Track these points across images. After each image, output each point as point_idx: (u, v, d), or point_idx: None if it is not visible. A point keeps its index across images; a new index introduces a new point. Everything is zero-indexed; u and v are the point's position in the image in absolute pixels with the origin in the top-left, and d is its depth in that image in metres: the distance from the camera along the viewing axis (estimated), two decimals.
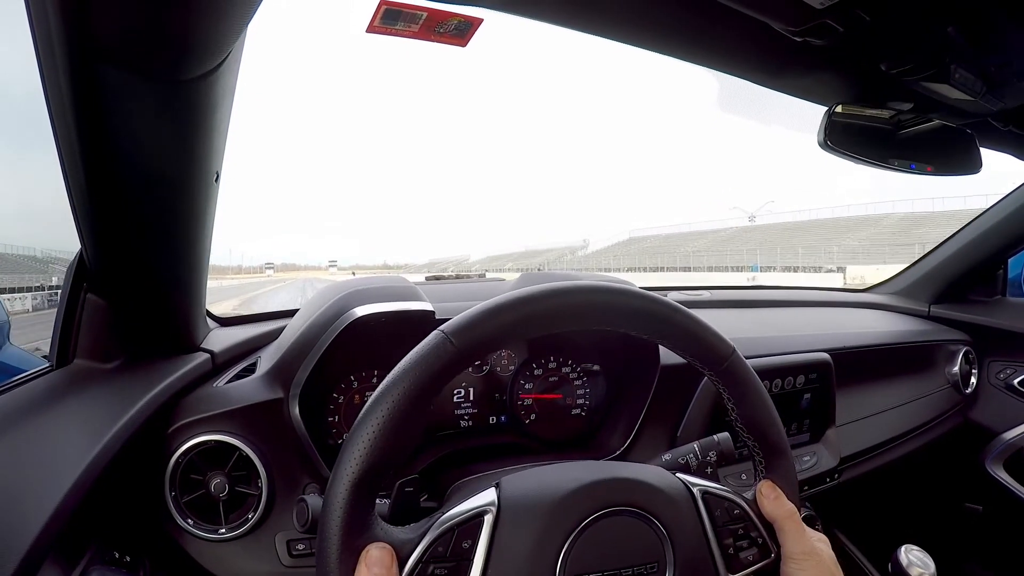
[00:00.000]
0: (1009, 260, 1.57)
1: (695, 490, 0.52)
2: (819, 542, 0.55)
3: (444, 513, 0.45)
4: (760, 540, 0.53)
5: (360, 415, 0.42)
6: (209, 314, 0.93)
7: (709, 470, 0.63)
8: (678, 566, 0.48)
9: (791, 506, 0.54)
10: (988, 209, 1.45)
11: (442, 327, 0.45)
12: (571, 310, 0.48)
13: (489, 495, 0.47)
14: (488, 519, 0.45)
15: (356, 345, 0.77)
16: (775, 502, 0.54)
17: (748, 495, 0.55)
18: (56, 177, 0.55)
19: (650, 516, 0.49)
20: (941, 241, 1.57)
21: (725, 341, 0.53)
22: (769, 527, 0.54)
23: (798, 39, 0.67)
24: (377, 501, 0.44)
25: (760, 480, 0.56)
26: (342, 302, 0.76)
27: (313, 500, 0.57)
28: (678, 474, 0.55)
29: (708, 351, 0.52)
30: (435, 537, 0.43)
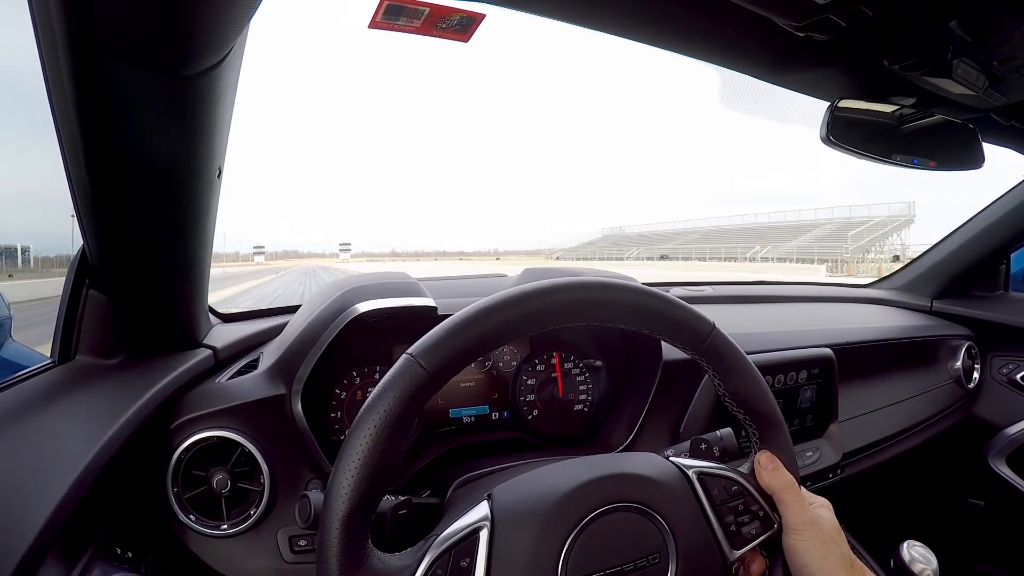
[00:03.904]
0: (1012, 255, 1.57)
1: (690, 472, 0.52)
2: (820, 508, 0.54)
3: (439, 534, 0.45)
4: (761, 513, 0.53)
5: (341, 450, 0.42)
6: (211, 310, 0.94)
7: None
8: (680, 553, 0.48)
9: (789, 477, 0.54)
10: (991, 204, 1.45)
11: (410, 350, 0.44)
12: (541, 311, 0.47)
13: (482, 509, 0.46)
14: (484, 534, 0.44)
15: (359, 341, 0.77)
16: (773, 473, 0.53)
17: (744, 469, 0.55)
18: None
19: (647, 508, 0.48)
20: (944, 236, 1.57)
21: (704, 318, 0.52)
22: (769, 498, 0.53)
23: (800, 34, 0.67)
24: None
25: (756, 452, 0.55)
26: (344, 298, 0.76)
27: (315, 496, 0.57)
28: (672, 458, 0.54)
29: (687, 331, 0.52)
30: (432, 560, 0.43)
